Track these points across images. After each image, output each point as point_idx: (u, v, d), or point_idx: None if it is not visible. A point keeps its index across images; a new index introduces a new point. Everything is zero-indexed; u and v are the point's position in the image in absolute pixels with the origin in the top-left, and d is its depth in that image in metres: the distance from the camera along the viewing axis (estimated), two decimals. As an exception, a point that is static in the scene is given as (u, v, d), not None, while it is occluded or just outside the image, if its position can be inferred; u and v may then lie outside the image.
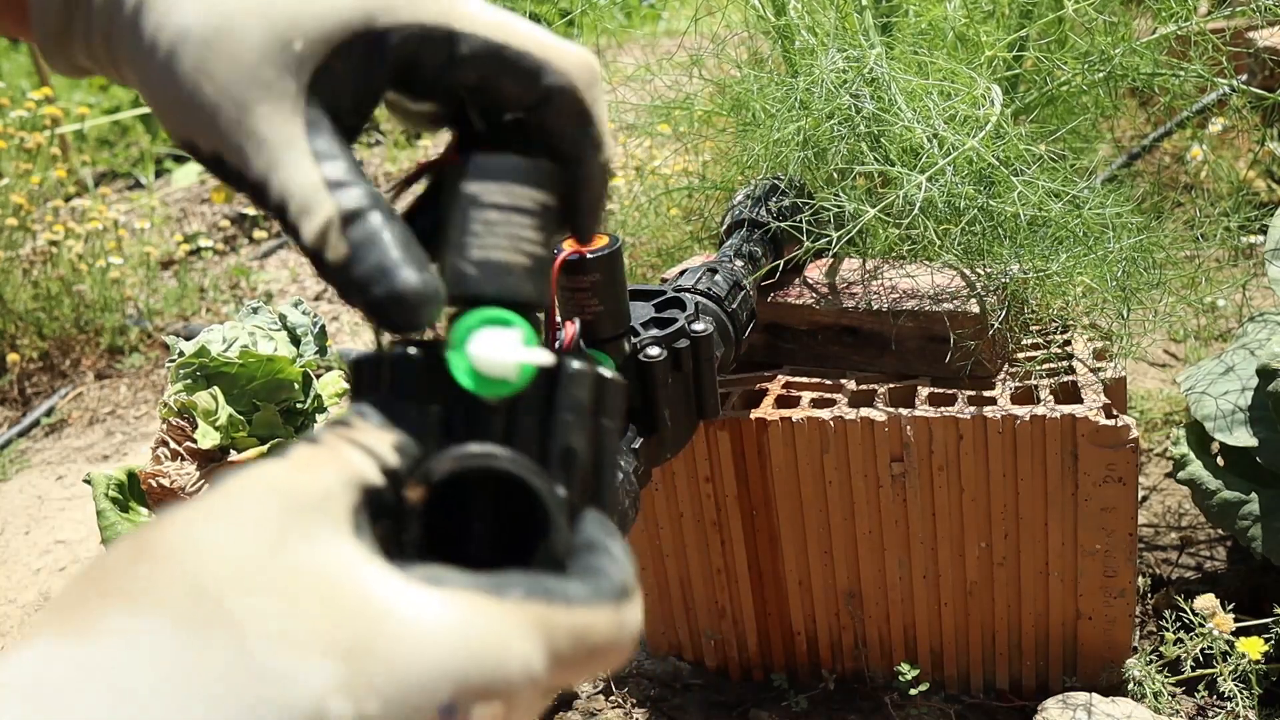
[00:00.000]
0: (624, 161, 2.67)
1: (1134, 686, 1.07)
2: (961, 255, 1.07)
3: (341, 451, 0.29)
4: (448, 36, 0.34)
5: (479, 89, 0.35)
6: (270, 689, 0.23)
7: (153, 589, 0.24)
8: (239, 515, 0.26)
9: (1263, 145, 1.71)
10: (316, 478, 0.28)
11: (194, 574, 0.24)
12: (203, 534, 0.25)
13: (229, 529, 0.25)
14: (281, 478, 0.27)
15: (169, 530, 0.26)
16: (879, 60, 1.10)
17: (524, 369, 0.33)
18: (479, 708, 0.26)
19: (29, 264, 2.61)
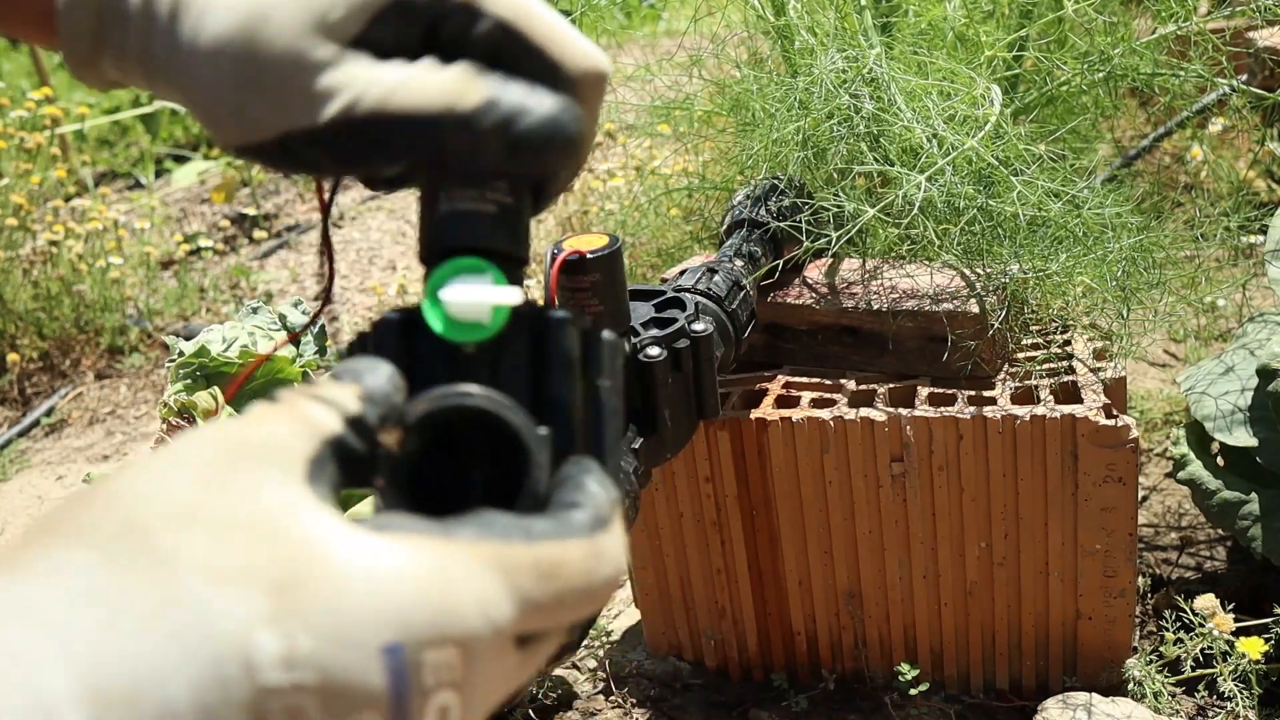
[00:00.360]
0: (624, 161, 2.67)
1: (1134, 686, 1.07)
2: (961, 255, 1.07)
3: (298, 405, 0.29)
4: (467, 9, 0.35)
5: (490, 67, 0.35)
6: (196, 620, 0.23)
7: (88, 528, 0.24)
8: (181, 460, 0.26)
9: (1263, 145, 1.71)
10: (268, 429, 0.27)
11: (128, 513, 0.24)
12: (142, 477, 0.25)
13: (168, 472, 0.25)
14: (232, 430, 0.27)
15: (114, 478, 0.26)
16: (878, 60, 1.10)
17: (497, 312, 0.34)
18: (431, 653, 0.25)
19: (29, 264, 2.61)
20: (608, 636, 1.34)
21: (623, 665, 1.27)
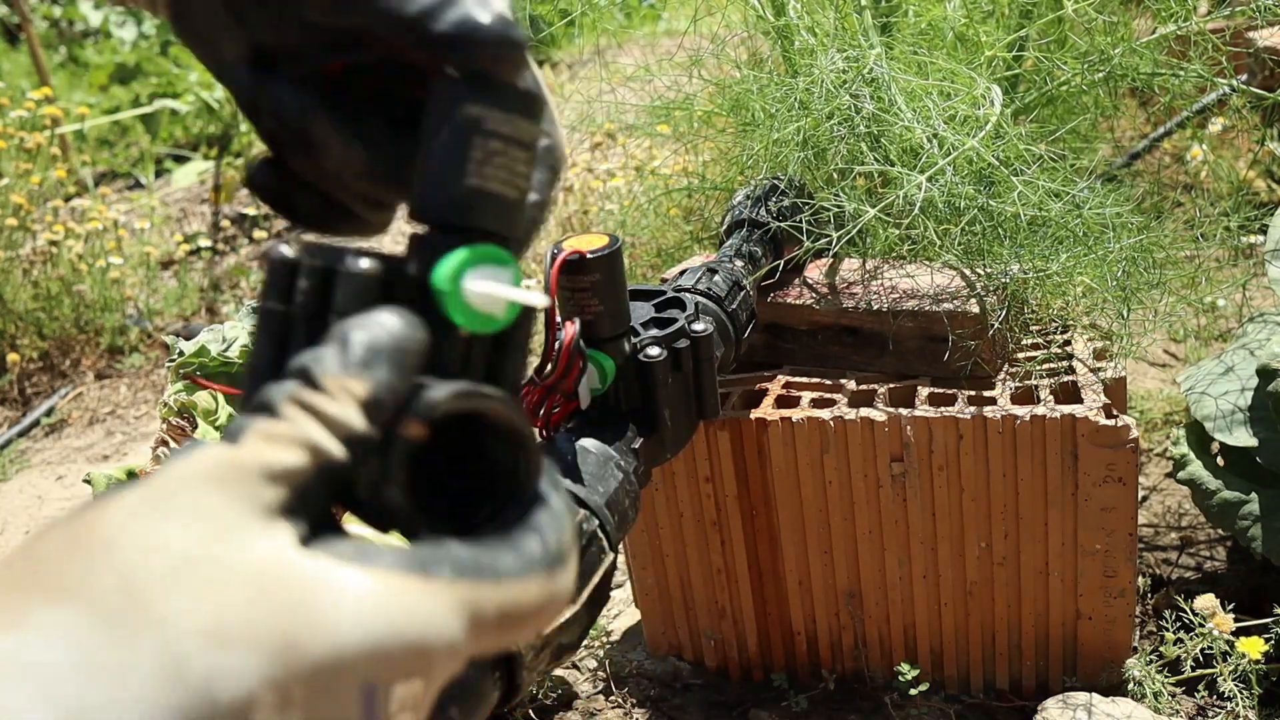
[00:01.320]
0: (624, 161, 2.67)
1: (1134, 686, 1.07)
2: (961, 255, 1.08)
3: (298, 428, 0.28)
4: None
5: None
6: (196, 688, 0.23)
7: (84, 584, 0.24)
8: (174, 507, 0.26)
9: (1263, 145, 1.71)
10: (264, 459, 0.27)
11: (125, 570, 0.24)
12: (136, 527, 0.25)
13: (161, 523, 0.25)
14: (225, 464, 0.27)
15: (104, 520, 0.25)
16: (879, 60, 1.10)
17: (510, 307, 0.33)
18: (399, 688, 0.26)
19: (29, 264, 2.61)
20: (608, 636, 1.34)
21: (623, 665, 1.27)
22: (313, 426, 0.28)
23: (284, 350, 0.32)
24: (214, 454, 0.27)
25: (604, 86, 1.49)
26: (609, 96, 1.48)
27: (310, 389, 0.29)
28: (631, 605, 1.32)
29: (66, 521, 0.26)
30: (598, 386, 0.78)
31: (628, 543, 1.21)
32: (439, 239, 0.33)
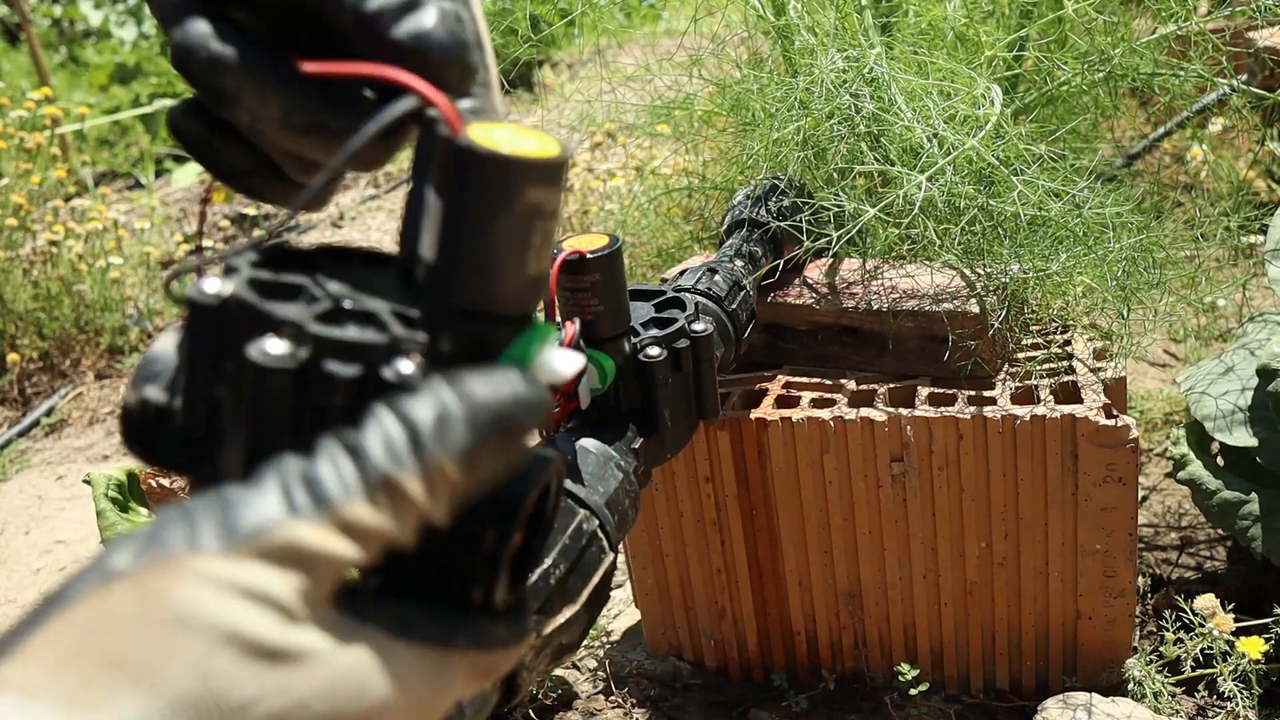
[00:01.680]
0: (624, 161, 2.67)
1: (1134, 686, 1.07)
2: (961, 255, 1.07)
3: (380, 514, 0.28)
4: None
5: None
6: None
7: (162, 671, 0.24)
8: (255, 596, 0.26)
9: (1263, 145, 1.71)
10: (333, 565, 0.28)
11: (203, 658, 0.24)
12: (215, 618, 0.25)
13: (235, 607, 0.25)
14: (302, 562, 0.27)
15: (182, 595, 0.25)
16: (879, 60, 1.10)
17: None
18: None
19: (29, 264, 2.61)
20: (608, 636, 1.34)
21: (623, 665, 1.27)
22: (390, 520, 0.28)
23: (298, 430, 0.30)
24: (293, 531, 0.27)
25: (604, 86, 1.49)
26: (609, 96, 1.48)
27: (402, 472, 0.28)
28: (631, 605, 1.32)
29: (136, 583, 0.25)
30: (598, 386, 0.78)
31: (628, 543, 1.21)
32: (498, 330, 0.31)
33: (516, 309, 0.32)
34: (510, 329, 0.32)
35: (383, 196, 3.68)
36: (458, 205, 0.30)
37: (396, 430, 0.28)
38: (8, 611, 1.68)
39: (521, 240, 0.31)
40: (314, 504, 0.27)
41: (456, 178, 0.30)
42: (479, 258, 0.30)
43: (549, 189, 0.31)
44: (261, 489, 0.27)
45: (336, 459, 0.28)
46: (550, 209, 0.31)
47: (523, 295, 0.32)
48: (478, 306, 0.31)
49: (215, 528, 0.26)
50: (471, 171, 0.30)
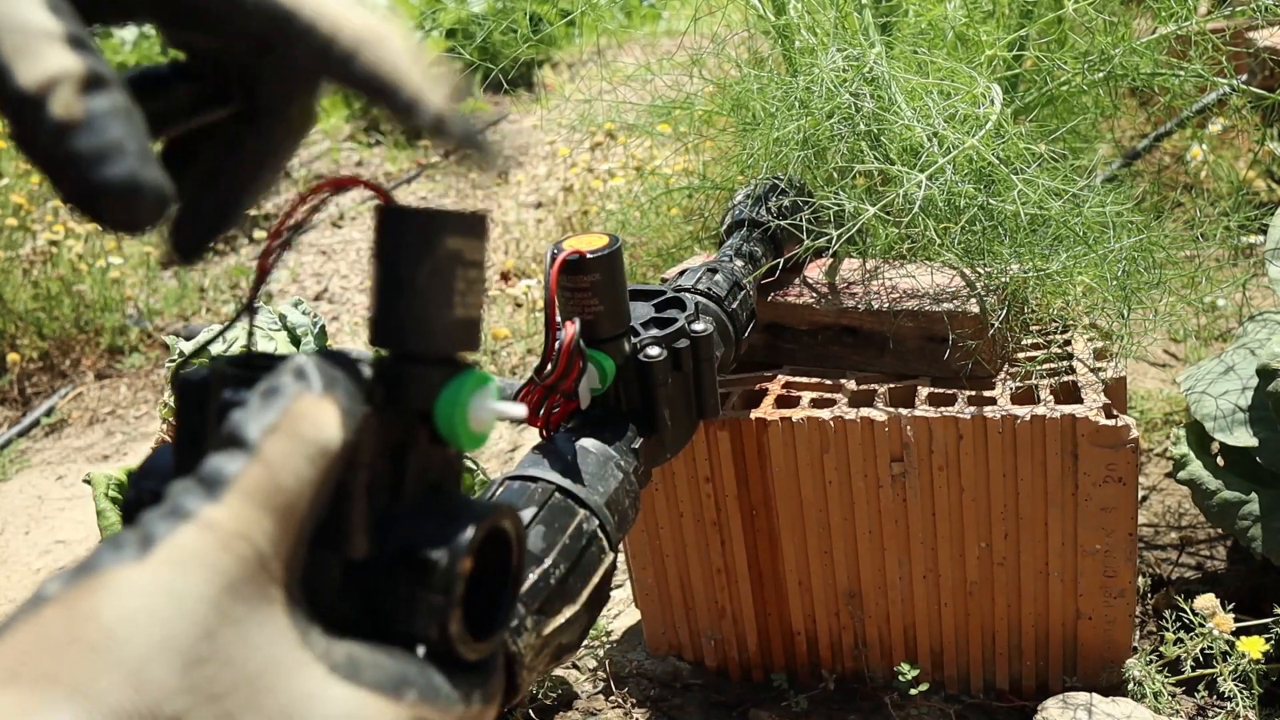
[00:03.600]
0: (624, 161, 2.67)
1: (1134, 686, 1.07)
2: (961, 254, 1.07)
3: (285, 465, 0.28)
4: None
5: (262, 52, 0.32)
6: None
7: (96, 684, 0.24)
8: (178, 598, 0.25)
9: (1263, 145, 1.71)
10: (257, 546, 0.27)
11: (135, 669, 0.24)
12: (141, 623, 0.25)
13: (167, 615, 0.25)
14: (225, 547, 0.26)
15: (105, 611, 0.25)
16: (879, 59, 1.10)
17: (494, 422, 0.36)
18: None
19: (29, 264, 2.61)
20: (608, 636, 1.34)
21: (623, 665, 1.27)
22: (301, 468, 0.28)
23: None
24: (209, 536, 0.27)
25: (604, 86, 1.49)
26: (609, 96, 1.48)
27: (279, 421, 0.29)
28: (631, 605, 1.32)
29: (64, 602, 0.25)
30: (598, 386, 0.78)
31: (628, 543, 1.21)
32: (433, 372, 0.34)
33: (447, 350, 0.35)
34: (444, 371, 0.34)
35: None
36: (388, 258, 0.34)
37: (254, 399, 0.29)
38: (8, 612, 1.68)
39: (446, 285, 0.34)
40: (210, 490, 0.27)
41: (385, 235, 0.34)
42: (408, 303, 0.34)
43: (469, 240, 0.34)
44: (170, 497, 0.27)
45: (225, 447, 0.28)
46: (471, 257, 0.35)
47: (452, 337, 0.35)
48: (411, 348, 0.34)
49: (136, 542, 0.26)
50: (395, 223, 0.34)
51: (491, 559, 0.35)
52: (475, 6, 2.88)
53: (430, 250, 0.34)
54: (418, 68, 0.32)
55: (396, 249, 0.34)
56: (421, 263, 0.34)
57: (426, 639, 0.32)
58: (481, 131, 0.34)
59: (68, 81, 0.27)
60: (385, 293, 0.34)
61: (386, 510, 0.33)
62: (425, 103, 0.32)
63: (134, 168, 0.27)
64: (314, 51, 0.31)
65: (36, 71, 0.26)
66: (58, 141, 0.27)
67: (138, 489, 0.35)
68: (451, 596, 0.32)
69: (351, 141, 4.42)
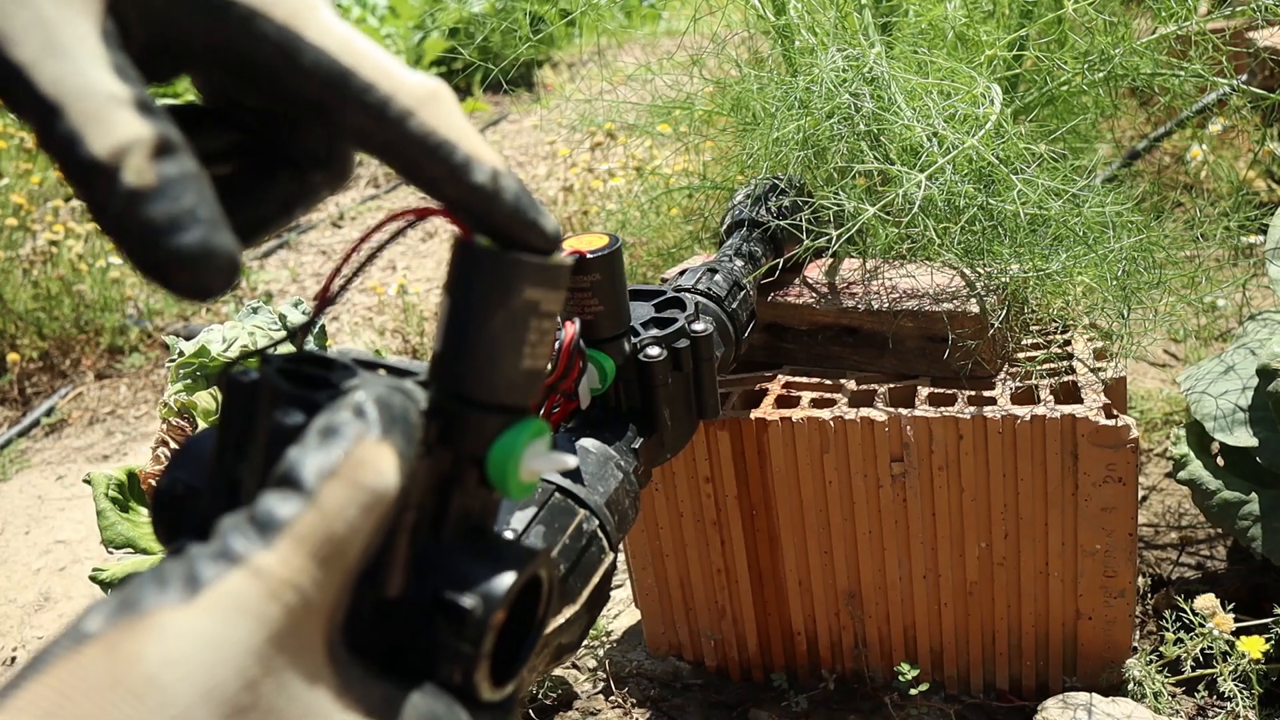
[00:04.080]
0: (624, 161, 2.67)
1: (1134, 686, 1.07)
2: (961, 254, 1.07)
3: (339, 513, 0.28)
4: (294, 43, 0.30)
5: (314, 108, 0.32)
6: None
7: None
8: (223, 646, 0.25)
9: (1263, 145, 1.71)
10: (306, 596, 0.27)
11: (176, 717, 0.24)
12: (185, 670, 0.25)
13: (215, 665, 0.25)
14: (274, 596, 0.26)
15: (148, 656, 0.24)
16: (879, 59, 1.10)
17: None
18: None
19: (29, 264, 2.61)
20: (608, 636, 1.34)
21: (623, 665, 1.27)
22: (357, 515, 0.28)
23: None
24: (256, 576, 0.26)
25: (604, 86, 1.49)
26: (609, 96, 1.48)
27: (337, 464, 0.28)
28: (631, 605, 1.32)
29: (106, 642, 0.25)
30: (598, 386, 0.78)
31: (628, 543, 1.21)
32: (493, 420, 0.34)
33: (510, 399, 0.34)
34: (503, 418, 0.34)
35: (382, 196, 3.68)
36: (461, 298, 0.33)
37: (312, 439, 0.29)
38: (8, 612, 1.68)
39: (517, 335, 0.33)
40: (262, 533, 0.26)
41: (460, 273, 0.33)
42: (476, 348, 0.33)
43: (548, 290, 0.34)
44: (219, 536, 0.27)
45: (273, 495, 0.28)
46: (547, 309, 0.34)
47: (516, 387, 0.34)
48: (473, 394, 0.33)
49: (181, 581, 0.26)
50: (474, 264, 0.33)
51: (521, 604, 0.34)
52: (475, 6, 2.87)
53: (506, 299, 0.33)
54: (471, 127, 0.32)
55: (470, 290, 0.33)
56: (495, 311, 0.33)
57: (450, 684, 0.31)
58: (532, 197, 0.34)
59: (139, 148, 0.27)
60: (453, 332, 0.33)
61: (424, 547, 0.32)
62: (481, 159, 0.32)
63: (207, 235, 0.27)
64: (370, 109, 0.31)
65: (108, 140, 0.26)
66: (130, 209, 0.26)
67: (172, 477, 0.34)
68: (481, 648, 0.31)
69: (351, 141, 4.41)
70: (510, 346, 0.33)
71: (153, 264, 0.27)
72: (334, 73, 0.30)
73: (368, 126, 0.31)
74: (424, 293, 2.69)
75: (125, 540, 1.22)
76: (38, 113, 0.27)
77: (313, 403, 0.31)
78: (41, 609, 1.67)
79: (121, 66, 0.28)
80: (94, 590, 1.61)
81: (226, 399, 0.33)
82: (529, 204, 0.33)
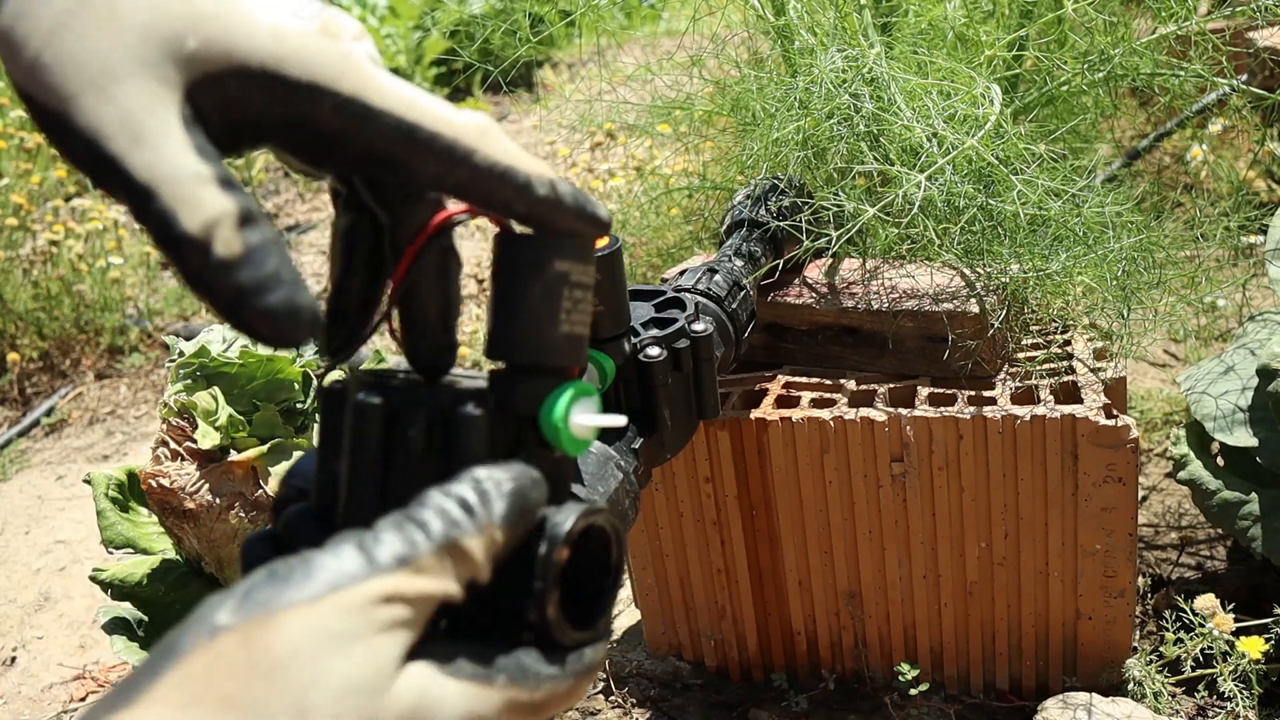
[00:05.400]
0: (624, 161, 2.67)
1: (1134, 686, 1.07)
2: (961, 254, 1.07)
3: (444, 573, 0.32)
4: (363, 110, 0.34)
5: (386, 164, 0.35)
6: None
7: (266, 709, 0.28)
8: (337, 636, 0.29)
9: (1263, 145, 1.71)
10: (410, 592, 0.31)
11: (298, 697, 0.28)
12: (307, 655, 0.29)
13: (327, 656, 0.29)
14: (380, 594, 0.31)
15: (280, 645, 0.29)
16: (878, 60, 1.10)
17: (595, 429, 0.39)
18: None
19: (29, 264, 2.61)
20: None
21: (623, 665, 1.27)
22: (451, 577, 0.32)
23: (384, 497, 0.36)
24: (371, 588, 0.31)
25: (604, 86, 1.49)
26: (609, 96, 1.48)
27: (462, 535, 0.33)
28: (631, 605, 1.32)
29: (243, 635, 0.29)
30: (598, 386, 0.78)
31: (628, 543, 1.21)
32: (540, 381, 0.38)
33: (554, 362, 0.38)
34: (549, 380, 0.38)
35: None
36: (503, 277, 0.38)
37: (450, 504, 0.33)
38: (8, 612, 1.68)
39: (554, 303, 0.38)
40: (394, 561, 0.31)
41: (501, 257, 0.39)
42: (519, 318, 0.38)
43: (576, 262, 0.39)
44: (340, 552, 0.31)
45: (404, 527, 0.32)
46: (578, 279, 0.39)
47: (558, 351, 0.38)
48: (521, 359, 0.38)
49: (303, 584, 0.30)
50: (511, 248, 0.38)
51: (594, 555, 0.38)
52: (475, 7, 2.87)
53: (540, 272, 0.38)
54: (519, 148, 0.37)
55: (511, 271, 0.38)
56: (532, 283, 0.38)
57: (527, 623, 0.35)
58: (584, 193, 0.39)
59: (225, 221, 0.30)
60: (499, 310, 0.38)
61: None
62: (540, 175, 0.37)
63: (291, 294, 0.31)
64: (441, 155, 0.35)
65: (198, 217, 0.30)
66: (222, 276, 0.31)
67: (287, 485, 0.40)
68: (548, 582, 0.35)
69: (351, 141, 4.41)
70: (549, 314, 0.38)
71: (244, 322, 0.31)
72: (402, 130, 0.34)
73: (440, 170, 0.35)
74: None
75: (125, 540, 1.22)
76: (133, 197, 0.30)
77: (387, 388, 0.37)
78: (41, 609, 1.67)
79: (202, 147, 0.31)
80: (94, 590, 1.61)
81: (322, 408, 0.38)
82: (584, 199, 0.38)
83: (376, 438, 0.36)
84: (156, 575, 1.19)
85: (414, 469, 0.36)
